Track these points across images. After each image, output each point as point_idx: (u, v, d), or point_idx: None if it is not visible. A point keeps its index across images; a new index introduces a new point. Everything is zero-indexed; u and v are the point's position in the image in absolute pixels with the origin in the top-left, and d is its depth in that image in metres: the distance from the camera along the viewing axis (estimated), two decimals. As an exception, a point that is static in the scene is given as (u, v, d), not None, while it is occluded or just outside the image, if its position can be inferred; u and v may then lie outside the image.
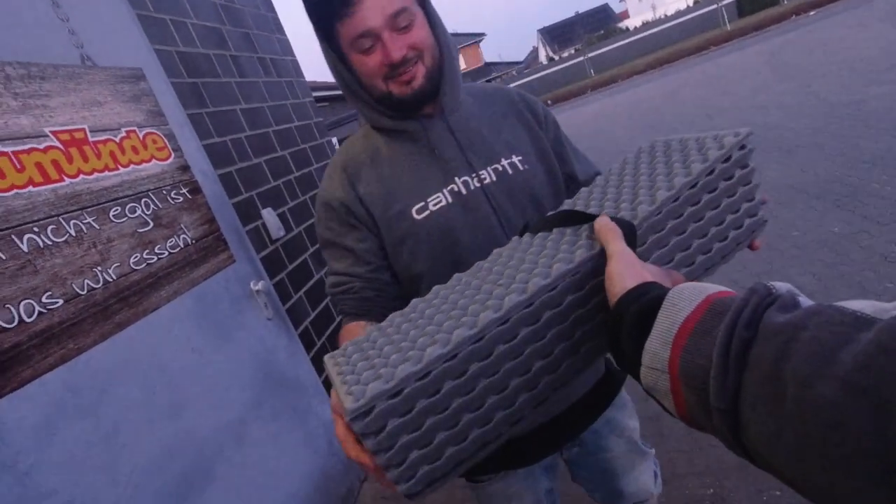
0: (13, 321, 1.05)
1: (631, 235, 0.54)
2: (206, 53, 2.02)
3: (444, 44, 0.82)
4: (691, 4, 25.00)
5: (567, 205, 0.70)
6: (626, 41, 23.56)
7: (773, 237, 3.01)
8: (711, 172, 0.60)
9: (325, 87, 7.49)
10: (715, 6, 21.56)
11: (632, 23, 32.82)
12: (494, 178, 0.83)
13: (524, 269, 0.57)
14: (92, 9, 1.50)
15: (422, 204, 0.81)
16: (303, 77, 2.86)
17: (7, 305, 1.04)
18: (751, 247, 0.69)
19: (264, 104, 2.33)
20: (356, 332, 0.76)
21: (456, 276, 0.67)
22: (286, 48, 2.77)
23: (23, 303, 1.07)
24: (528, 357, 0.53)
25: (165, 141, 1.60)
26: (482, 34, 36.79)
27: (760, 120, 5.60)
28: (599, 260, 0.53)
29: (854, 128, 4.25)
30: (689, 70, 13.25)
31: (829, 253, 2.63)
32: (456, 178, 0.82)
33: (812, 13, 15.17)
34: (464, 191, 0.82)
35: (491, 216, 0.82)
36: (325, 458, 1.90)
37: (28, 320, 1.07)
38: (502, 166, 0.84)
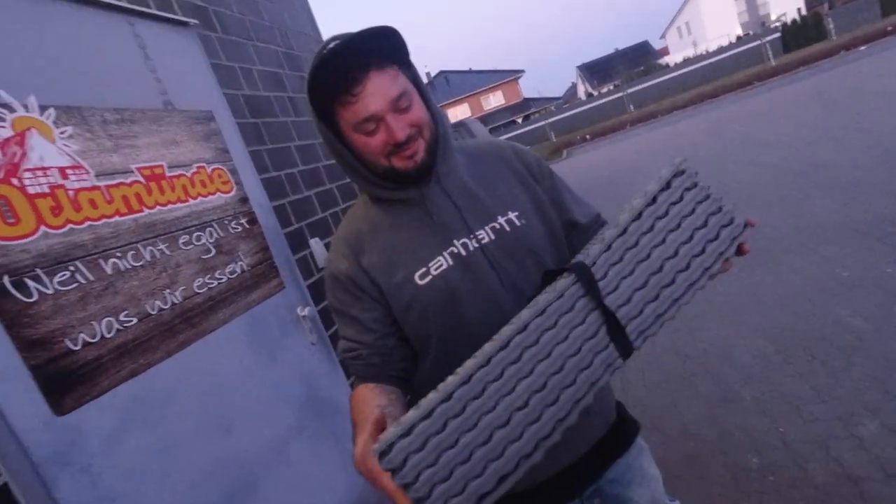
0: (95, 336, 1.17)
1: (585, 272, 0.67)
2: (267, 96, 2.20)
3: (437, 115, 0.87)
4: (734, 41, 24.80)
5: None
6: (666, 77, 23.54)
7: (822, 276, 2.92)
8: (654, 201, 0.70)
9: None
10: (759, 42, 21.34)
11: (672, 59, 32.79)
12: (493, 237, 0.85)
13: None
14: (175, 59, 1.68)
15: (424, 269, 0.83)
16: (351, 115, 3.05)
17: (92, 322, 1.17)
18: (739, 252, 0.75)
19: (316, 141, 2.50)
20: (366, 394, 0.81)
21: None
22: (337, 89, 2.96)
23: (105, 320, 1.20)
24: (537, 376, 0.61)
25: (229, 175, 1.75)
26: (521, 70, 37.62)
27: (808, 156, 5.48)
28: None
29: (908, 166, 4.11)
30: (733, 105, 13.09)
31: (881, 294, 2.53)
32: (455, 241, 0.84)
33: (862, 48, 14.80)
34: (463, 252, 0.84)
35: (491, 275, 0.84)
36: (361, 482, 1.94)
37: (108, 336, 1.19)
38: (499, 224, 0.87)
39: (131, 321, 1.26)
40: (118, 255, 1.27)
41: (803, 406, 2.01)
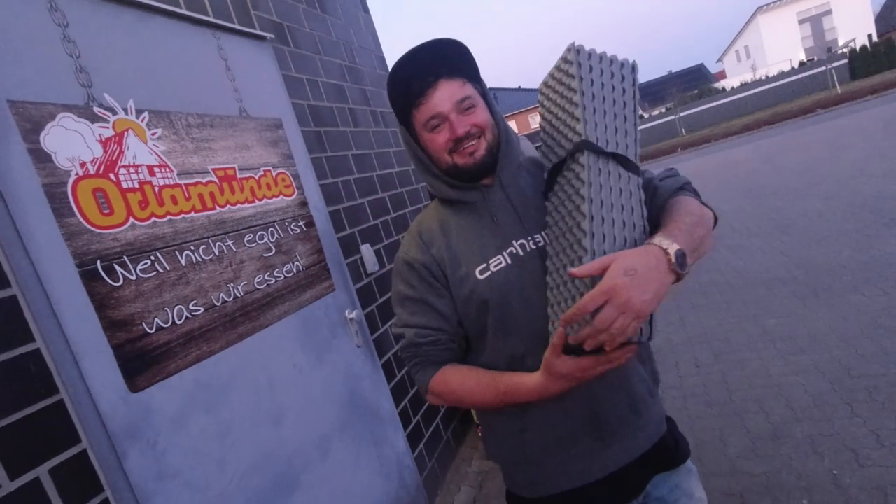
0: (168, 322, 1.26)
1: (589, 145, 0.84)
2: (330, 106, 2.31)
3: (502, 125, 0.96)
4: (796, 66, 23.88)
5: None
6: (722, 101, 22.88)
7: (886, 315, 2.75)
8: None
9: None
10: (824, 68, 20.46)
11: (729, 83, 31.85)
12: (548, 240, 0.93)
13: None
14: (252, 70, 1.81)
15: (484, 265, 0.92)
16: (405, 128, 3.14)
17: (165, 308, 1.26)
18: None
19: (371, 151, 2.60)
20: (466, 370, 0.93)
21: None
22: (393, 102, 3.07)
23: (176, 308, 1.29)
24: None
25: (292, 180, 1.85)
26: (570, 90, 37.34)
27: (875, 189, 5.19)
28: None
29: None
30: (793, 133, 12.57)
31: (954, 340, 2.37)
32: (514, 241, 0.93)
33: (940, 78, 13.94)
34: (521, 252, 0.92)
35: (543, 275, 0.90)
36: (395, 488, 1.97)
37: (178, 323, 1.29)
38: None
39: (199, 310, 1.35)
40: (192, 248, 1.37)
41: (860, 450, 1.90)
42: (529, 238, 0.93)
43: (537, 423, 0.92)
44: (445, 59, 0.90)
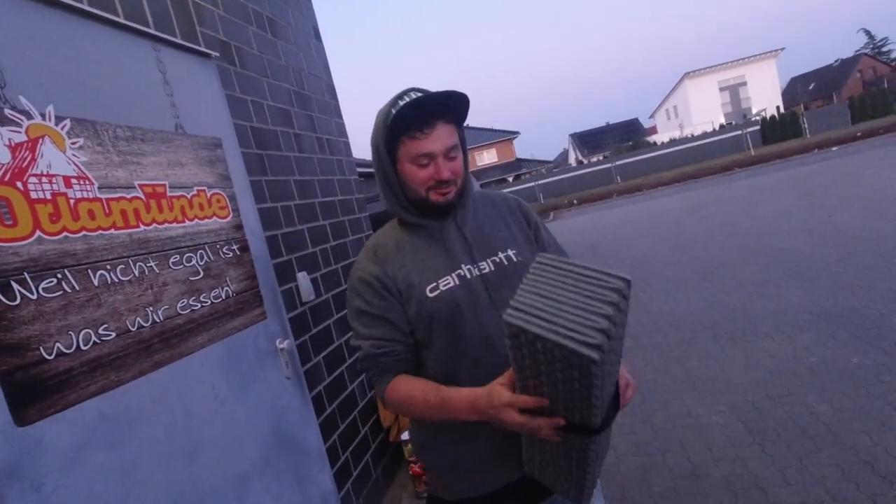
0: (71, 347, 1.15)
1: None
2: (275, 130, 2.27)
3: (468, 172, 1.09)
4: (717, 128, 26.30)
5: None
6: (653, 154, 24.66)
7: (793, 361, 2.99)
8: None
9: (366, 164, 7.98)
10: (740, 132, 22.66)
11: (659, 138, 34.49)
12: (493, 268, 1.05)
13: None
14: (192, 87, 1.75)
15: (434, 284, 1.01)
16: (352, 157, 3.13)
17: (70, 332, 1.15)
18: None
19: (315, 177, 2.56)
20: (416, 381, 1.00)
21: None
22: (341, 131, 3.06)
23: (83, 332, 1.18)
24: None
25: (228, 201, 1.77)
26: (516, 132, 39.01)
27: (784, 245, 5.72)
28: None
29: (874, 263, 4.32)
30: (714, 187, 13.70)
31: (847, 383, 2.60)
32: (462, 266, 1.04)
33: (834, 148, 15.81)
34: (468, 276, 1.03)
35: (485, 297, 1.01)
36: (317, 531, 1.86)
37: (84, 348, 1.17)
38: (499, 258, 1.06)
39: (110, 335, 1.24)
40: (108, 267, 1.27)
41: (769, 489, 2.01)
42: (475, 266, 1.04)
43: (471, 435, 1.01)
44: (450, 107, 1.00)
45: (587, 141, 44.84)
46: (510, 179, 32.00)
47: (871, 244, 4.86)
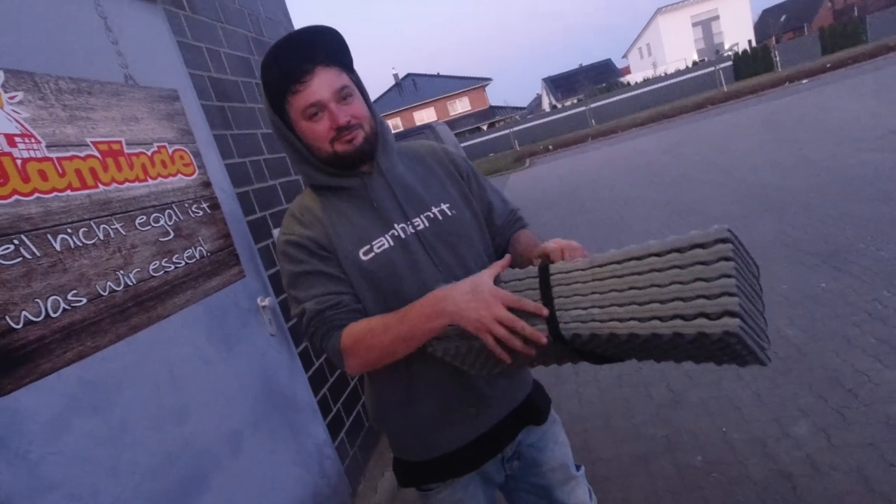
0: (40, 315, 1.10)
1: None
2: (235, 80, 2.14)
3: (377, 116, 0.99)
4: (690, 65, 26.05)
5: None
6: (628, 95, 24.41)
7: (766, 290, 3.08)
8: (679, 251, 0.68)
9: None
10: (713, 68, 22.49)
11: (633, 78, 34.06)
12: (427, 224, 0.97)
13: None
14: (138, 33, 1.62)
15: (367, 247, 0.93)
16: (320, 108, 3.00)
17: (36, 300, 1.10)
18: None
19: (283, 130, 2.45)
20: (374, 317, 0.89)
21: None
22: (307, 80, 2.91)
23: (50, 299, 1.13)
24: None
25: (192, 158, 1.69)
26: (489, 79, 38.04)
27: (756, 179, 5.81)
28: None
29: (843, 191, 4.43)
30: (688, 126, 13.72)
31: (816, 307, 2.72)
32: (395, 225, 0.95)
33: (804, 81, 15.86)
34: (402, 235, 0.95)
35: (424, 257, 0.94)
36: (315, 479, 1.90)
37: (53, 315, 1.13)
38: (433, 213, 0.98)
39: (80, 301, 1.19)
40: (69, 230, 1.21)
41: (744, 408, 2.12)
42: (409, 223, 0.96)
43: (420, 398, 0.97)
44: (323, 47, 0.91)
45: (560, 85, 44.06)
46: (484, 128, 31.49)
47: (839, 174, 4.97)
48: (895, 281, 2.72)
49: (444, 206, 1.00)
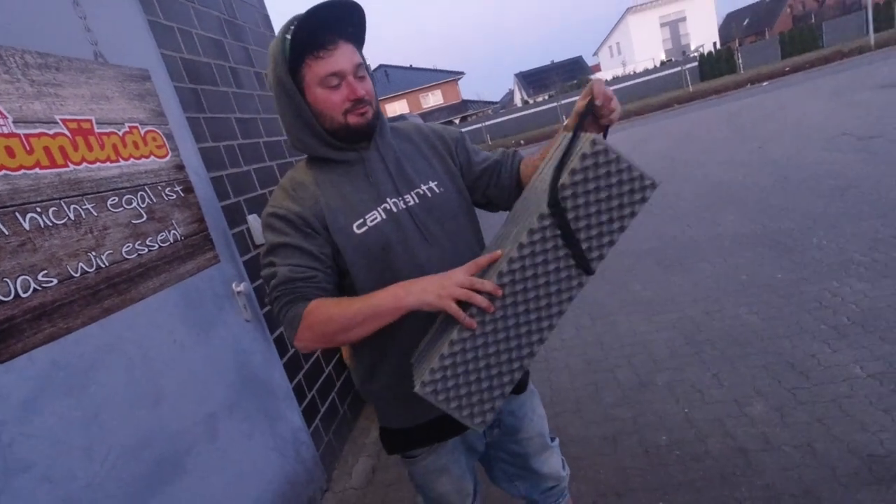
0: (9, 295, 1.07)
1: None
2: (208, 62, 2.10)
3: (377, 98, 1.03)
4: (658, 65, 26.68)
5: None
6: (598, 92, 24.74)
7: (724, 279, 3.24)
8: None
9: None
10: (680, 68, 23.10)
11: (603, 76, 34.65)
12: (417, 201, 1.00)
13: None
14: (108, 10, 1.57)
15: (360, 220, 0.96)
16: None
17: (5, 279, 1.07)
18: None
19: (257, 116, 2.41)
20: (341, 300, 0.89)
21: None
22: (281, 66, 2.87)
23: (20, 278, 1.10)
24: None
25: (164, 140, 1.65)
26: (461, 73, 38.01)
27: (720, 176, 6.03)
28: None
29: (799, 187, 4.65)
30: (656, 123, 14.08)
31: (772, 296, 2.86)
32: (388, 199, 0.98)
33: (765, 83, 16.49)
34: (394, 209, 0.98)
35: (415, 232, 0.98)
36: (291, 465, 1.91)
37: (23, 295, 1.10)
38: (422, 191, 1.02)
39: (51, 282, 1.16)
40: (38, 209, 1.18)
41: (706, 390, 2.23)
42: (400, 198, 0.99)
43: (405, 367, 0.96)
44: (352, 23, 0.93)
45: (532, 80, 44.41)
46: (457, 122, 31.47)
47: (797, 171, 5.22)
48: (845, 271, 2.89)
49: (432, 184, 1.03)
